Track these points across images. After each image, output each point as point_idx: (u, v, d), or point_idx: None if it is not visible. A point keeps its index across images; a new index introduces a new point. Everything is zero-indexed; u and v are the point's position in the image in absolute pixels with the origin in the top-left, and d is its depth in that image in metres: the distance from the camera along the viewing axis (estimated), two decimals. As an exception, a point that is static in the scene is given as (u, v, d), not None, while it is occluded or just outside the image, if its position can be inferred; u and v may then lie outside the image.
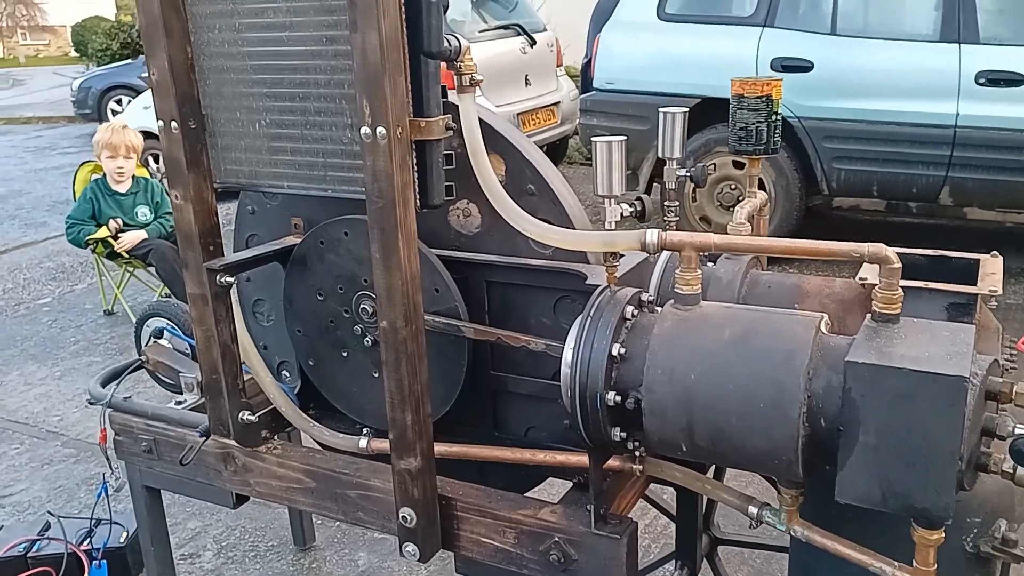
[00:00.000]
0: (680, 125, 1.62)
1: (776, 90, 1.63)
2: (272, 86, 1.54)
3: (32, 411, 3.60)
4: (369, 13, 1.31)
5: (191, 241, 1.62)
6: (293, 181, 1.58)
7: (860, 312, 1.48)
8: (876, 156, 4.85)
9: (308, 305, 1.76)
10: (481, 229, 1.67)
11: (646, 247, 1.33)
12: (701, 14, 5.18)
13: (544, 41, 6.90)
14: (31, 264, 6.05)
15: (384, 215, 1.40)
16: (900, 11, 4.94)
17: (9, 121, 15.36)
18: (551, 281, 1.59)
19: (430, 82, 1.42)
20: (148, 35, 1.53)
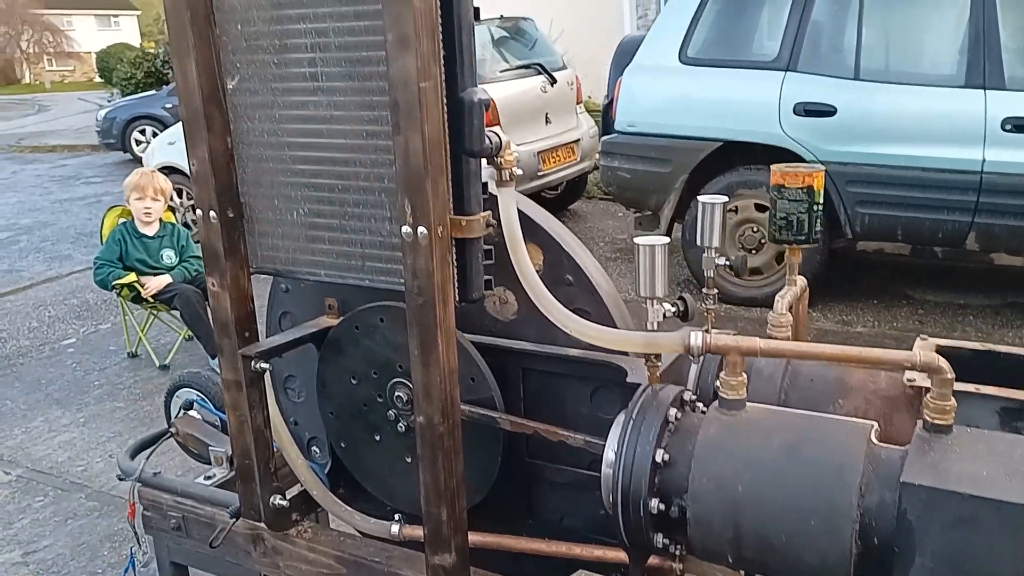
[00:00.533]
0: (719, 215, 1.60)
1: (818, 180, 1.61)
2: (311, 176, 1.54)
3: (56, 460, 3.60)
4: (412, 116, 1.31)
5: (227, 328, 1.62)
6: (330, 270, 1.57)
7: (907, 411, 1.45)
8: (901, 201, 4.80)
9: (342, 388, 1.75)
10: (518, 316, 1.65)
11: (690, 350, 1.31)
12: (723, 58, 5.18)
13: (564, 79, 6.94)
14: (56, 300, 6.10)
15: (423, 313, 1.39)
16: (924, 56, 4.91)
17: (35, 149, 15.61)
18: (589, 372, 1.57)
19: (471, 180, 1.41)
20: (190, 127, 1.54)
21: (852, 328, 4.73)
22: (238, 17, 1.51)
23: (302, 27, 1.46)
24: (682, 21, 5.30)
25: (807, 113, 4.91)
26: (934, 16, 5.02)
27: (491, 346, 1.64)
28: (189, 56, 1.49)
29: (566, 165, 6.90)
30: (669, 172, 5.27)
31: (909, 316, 4.91)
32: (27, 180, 12.30)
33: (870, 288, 5.33)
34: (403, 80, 1.30)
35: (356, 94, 1.44)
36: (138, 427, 3.86)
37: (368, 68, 1.42)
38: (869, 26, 4.94)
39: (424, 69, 1.29)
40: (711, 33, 5.28)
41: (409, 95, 1.30)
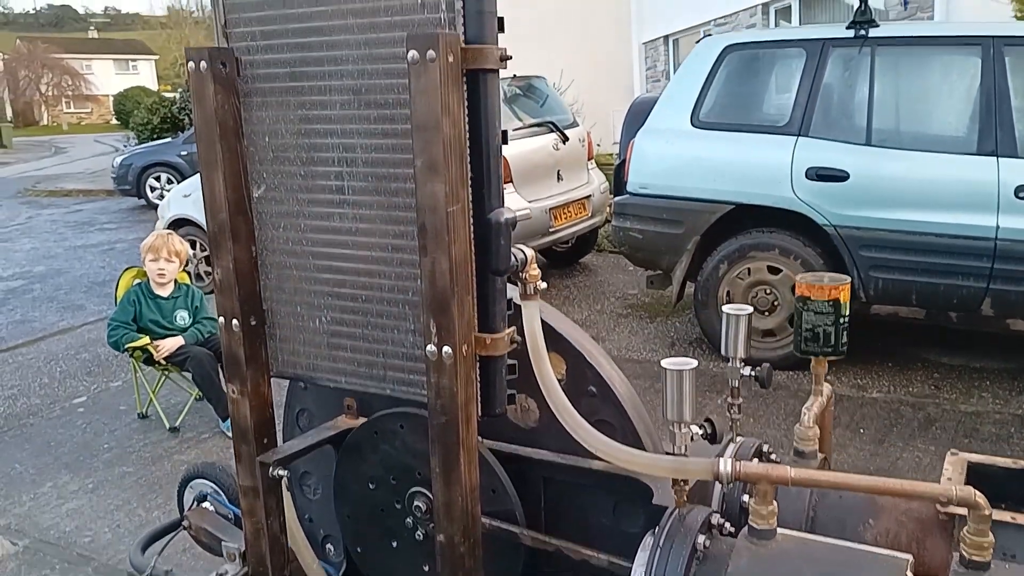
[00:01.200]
0: (744, 326, 1.59)
1: (844, 294, 1.60)
2: (335, 286, 1.54)
3: (64, 530, 3.56)
4: (440, 239, 1.31)
5: (246, 435, 1.61)
6: (351, 377, 1.56)
7: (941, 536, 1.42)
8: (914, 266, 4.79)
9: (359, 492, 1.73)
10: (539, 424, 1.64)
11: (719, 478, 1.29)
12: (735, 122, 5.22)
13: (576, 136, 7.01)
14: (68, 355, 6.10)
15: (446, 431, 1.38)
16: (935, 124, 4.94)
17: (51, 194, 15.82)
18: (613, 485, 1.55)
19: (497, 298, 1.41)
20: (215, 238, 1.55)
21: (867, 393, 4.68)
22: (266, 129, 1.53)
23: (330, 141, 1.48)
24: (694, 85, 5.36)
25: (819, 178, 4.93)
26: (946, 83, 5.07)
27: (512, 454, 1.62)
28: (217, 169, 1.50)
29: (577, 221, 6.94)
30: (681, 233, 5.28)
31: (925, 380, 4.86)
32: (42, 225, 12.44)
33: (885, 351, 5.29)
34: (431, 205, 1.30)
35: (382, 208, 1.45)
36: (147, 494, 3.82)
37: (395, 184, 1.43)
38: (881, 92, 4.98)
39: (452, 193, 1.30)
40: (723, 97, 5.34)
41: (437, 219, 1.30)
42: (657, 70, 14.25)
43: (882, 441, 4.01)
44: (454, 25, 1.30)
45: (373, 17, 1.38)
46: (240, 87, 1.52)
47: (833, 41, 5.05)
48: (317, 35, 1.44)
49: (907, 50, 4.95)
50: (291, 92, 1.49)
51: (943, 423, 4.19)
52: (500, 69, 1.33)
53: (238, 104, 1.52)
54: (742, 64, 5.36)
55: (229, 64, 1.49)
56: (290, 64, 1.48)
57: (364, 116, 1.43)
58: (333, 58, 1.44)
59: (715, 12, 11.69)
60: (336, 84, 1.44)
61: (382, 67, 1.39)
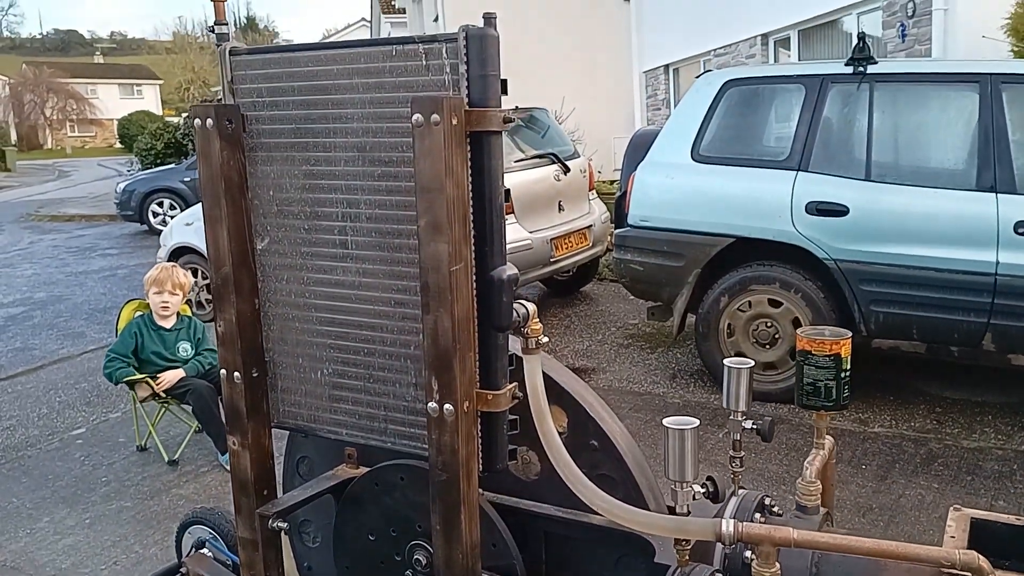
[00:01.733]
0: (745, 380, 1.59)
1: (845, 348, 1.60)
2: (337, 338, 1.55)
3: (60, 567, 3.53)
4: (443, 298, 1.32)
5: (245, 488, 1.61)
6: (352, 430, 1.57)
7: (943, 594, 1.41)
8: (915, 301, 4.80)
9: (359, 543, 1.72)
10: (540, 477, 1.63)
11: (722, 538, 1.29)
12: (735, 156, 5.26)
13: (577, 167, 7.05)
14: (67, 384, 6.09)
15: (448, 488, 1.38)
16: (935, 159, 4.97)
17: (54, 218, 15.88)
18: (615, 540, 1.54)
19: (499, 354, 1.42)
20: (219, 291, 1.55)
21: (869, 428, 4.66)
22: (271, 183, 1.55)
23: (334, 197, 1.49)
24: (694, 119, 5.41)
25: (819, 212, 4.95)
26: (944, 119, 5.11)
27: (513, 507, 1.61)
28: (221, 223, 1.51)
29: (579, 251, 6.96)
30: (682, 266, 5.30)
31: (927, 415, 4.84)
32: (44, 251, 12.47)
33: (886, 385, 5.28)
34: (434, 264, 1.31)
35: (385, 264, 1.46)
36: (144, 530, 3.79)
37: (398, 240, 1.44)
38: (880, 127, 5.02)
39: (455, 253, 1.31)
40: (723, 131, 5.38)
41: (440, 278, 1.31)
42: (658, 98, 14.37)
43: (884, 477, 3.99)
44: (458, 88, 1.32)
45: (379, 77, 1.40)
46: (245, 142, 1.54)
47: (832, 77, 5.10)
48: (323, 93, 1.46)
49: (906, 87, 5.00)
50: (296, 148, 1.51)
51: (945, 459, 4.17)
52: (503, 131, 1.35)
53: (243, 159, 1.54)
54: (742, 99, 5.41)
55: (235, 121, 1.51)
56: (295, 120, 1.50)
57: (368, 173, 1.44)
58: (338, 116, 1.45)
59: (715, 43, 11.82)
60: (341, 141, 1.46)
61: (386, 126, 1.41)
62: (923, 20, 7.93)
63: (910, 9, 8.10)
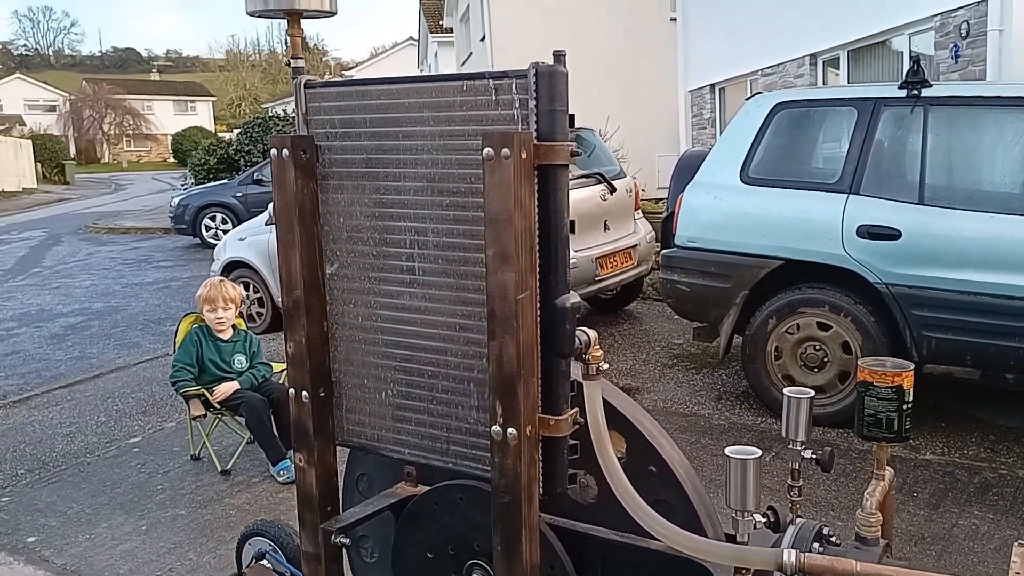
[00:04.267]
0: (805, 409, 1.60)
1: (907, 380, 1.60)
2: (402, 361, 1.60)
3: (118, 572, 3.64)
4: (508, 325, 1.37)
5: (310, 503, 1.66)
6: (415, 450, 1.61)
7: (1005, 631, 1.40)
8: (968, 326, 4.70)
9: (417, 561, 1.76)
10: (598, 500, 1.66)
11: (783, 568, 1.30)
12: (784, 178, 5.23)
13: (623, 187, 7.08)
14: (124, 393, 6.29)
15: (509, 510, 1.42)
16: (989, 184, 4.89)
17: (111, 231, 16.40)
18: (671, 566, 1.56)
19: (561, 380, 1.45)
20: (289, 314, 1.62)
21: (920, 455, 4.57)
22: (341, 211, 1.61)
23: (403, 224, 1.55)
24: (744, 141, 5.39)
25: (871, 235, 4.89)
26: (999, 142, 5.02)
27: (571, 530, 1.64)
28: (295, 248, 1.58)
29: (624, 270, 6.97)
30: (729, 288, 5.28)
31: (980, 443, 4.73)
32: (101, 262, 12.88)
33: (938, 411, 5.17)
34: (501, 293, 1.36)
35: (451, 290, 1.51)
36: (198, 538, 3.90)
37: (464, 268, 1.49)
38: (934, 151, 4.96)
39: (521, 282, 1.36)
40: (772, 153, 5.36)
41: (506, 307, 1.36)
42: (703, 117, 14.32)
43: (936, 506, 3.91)
44: (527, 122, 1.37)
45: (449, 111, 1.46)
46: (318, 171, 1.61)
47: (885, 100, 5.05)
48: (394, 125, 1.53)
49: (961, 110, 4.93)
50: (367, 177, 1.57)
51: (1000, 488, 4.07)
52: (569, 164, 1.39)
53: (316, 187, 1.61)
54: (792, 121, 5.38)
55: (309, 151, 1.58)
56: (367, 151, 1.57)
57: (437, 203, 1.50)
58: (409, 147, 1.52)
59: (762, 62, 11.75)
60: (411, 171, 1.52)
61: (455, 158, 1.46)
62: (978, 41, 7.79)
63: (964, 30, 7.96)
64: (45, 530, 4.07)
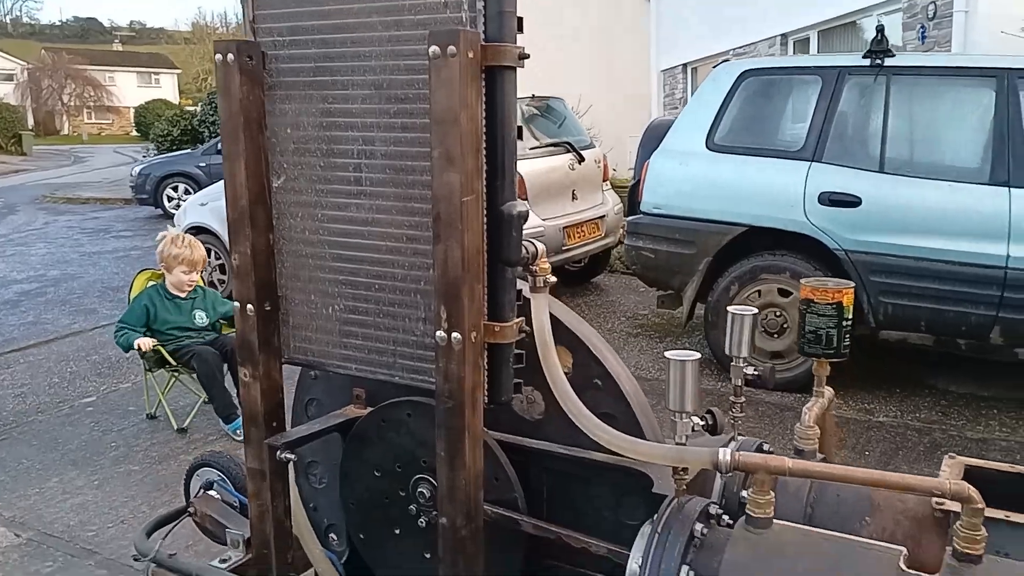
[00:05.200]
0: (748, 326, 1.62)
1: (847, 297, 1.63)
2: (348, 274, 1.58)
3: (68, 524, 3.59)
4: (453, 228, 1.36)
5: (255, 419, 1.64)
6: (362, 364, 1.60)
7: (935, 534, 1.44)
8: (924, 293, 4.80)
9: (364, 480, 1.76)
10: (544, 416, 1.67)
11: (719, 467, 1.32)
12: (750, 146, 5.27)
13: (591, 157, 7.08)
14: (78, 356, 6.17)
15: (453, 416, 1.41)
16: (948, 152, 4.97)
17: (69, 201, 16.03)
18: (614, 477, 1.57)
19: (507, 288, 1.45)
20: (235, 225, 1.59)
21: (874, 417, 4.67)
22: (288, 121, 1.59)
23: (350, 134, 1.53)
24: (710, 108, 5.42)
25: (832, 203, 4.96)
26: (959, 113, 5.10)
27: (516, 445, 1.65)
28: (240, 159, 1.55)
29: (590, 240, 6.99)
30: (693, 254, 5.32)
31: (932, 407, 4.84)
32: (58, 231, 12.59)
33: (892, 377, 5.28)
34: (446, 194, 1.35)
35: (398, 200, 1.50)
36: (152, 492, 3.85)
37: (411, 176, 1.47)
38: (895, 121, 5.03)
39: (467, 184, 1.35)
40: (738, 121, 5.40)
41: (451, 208, 1.35)
42: (675, 97, 14.36)
43: (887, 464, 4.00)
44: (475, 24, 1.35)
45: (398, 15, 1.44)
46: (265, 80, 1.58)
47: (849, 69, 5.10)
48: (342, 32, 1.50)
49: (922, 80, 5.00)
50: (314, 86, 1.55)
51: (948, 447, 4.17)
52: (518, 67, 1.38)
53: (262, 97, 1.58)
54: (758, 89, 5.42)
55: (255, 58, 1.55)
56: (314, 59, 1.54)
57: (384, 110, 1.48)
58: (357, 54, 1.49)
59: (734, 42, 11.81)
60: (359, 79, 1.50)
61: (404, 63, 1.44)
62: (944, 22, 7.90)
63: (931, 11, 8.07)
64: (-6, 484, 3.99)
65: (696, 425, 1.46)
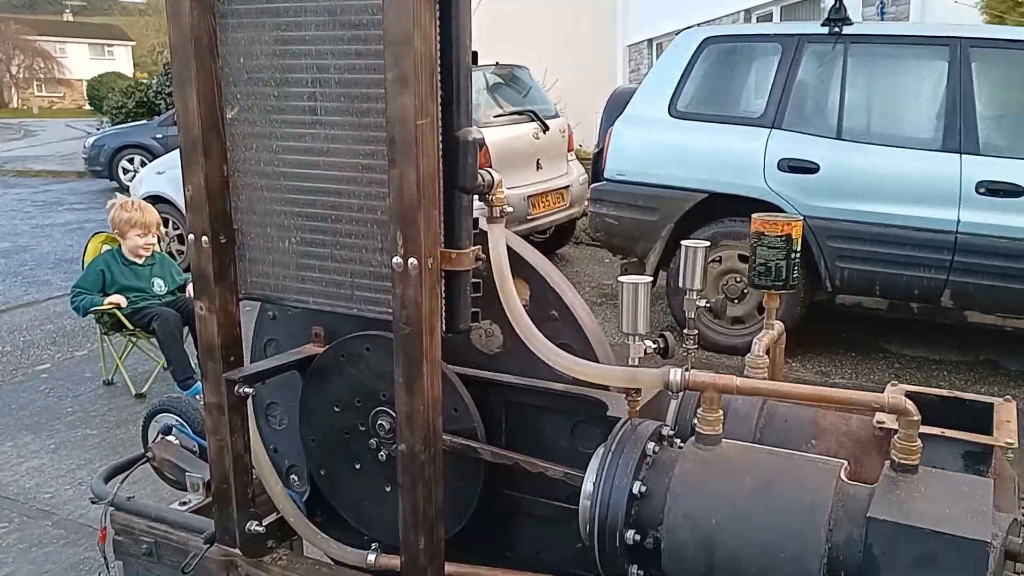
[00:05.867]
0: (701, 259, 1.65)
1: (796, 230, 1.67)
2: (304, 206, 1.57)
3: (24, 486, 3.53)
4: (408, 152, 1.36)
5: (212, 352, 1.63)
6: (319, 298, 1.60)
7: (877, 453, 1.49)
8: (878, 257, 4.91)
9: (324, 416, 1.76)
10: (502, 350, 1.68)
11: (669, 386, 1.35)
12: (711, 113, 5.32)
13: (556, 127, 7.07)
14: (31, 325, 6.03)
15: (410, 342, 1.42)
16: (903, 120, 5.08)
17: (20, 173, 15.57)
18: (570, 406, 1.60)
19: (463, 215, 1.45)
20: (187, 154, 1.57)
21: (830, 379, 4.79)
22: (241, 50, 1.56)
23: (303, 62, 1.51)
24: (672, 76, 5.45)
25: (791, 169, 5.04)
26: (914, 82, 5.20)
27: (475, 378, 1.66)
28: (191, 86, 1.53)
29: (555, 210, 7.00)
30: (656, 220, 5.37)
31: (886, 369, 4.98)
32: (8, 204, 12.23)
33: (848, 341, 5.41)
34: (401, 117, 1.34)
35: (353, 128, 1.49)
36: (110, 455, 3.80)
37: (366, 104, 1.47)
38: (852, 89, 5.11)
39: (421, 107, 1.34)
40: (700, 89, 5.44)
41: (406, 132, 1.34)
42: (640, 72, 14.38)
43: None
44: (428, -56, 1.34)
45: (351, -63, 1.42)
46: (216, 7, 1.55)
47: (808, 37, 5.17)
48: (295, -44, 1.48)
49: (879, 48, 5.09)
50: (267, 13, 1.53)
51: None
52: (471, -10, 1.38)
53: (214, 24, 1.55)
54: (720, 57, 5.46)
55: (207, -17, 1.52)
56: (267, -15, 1.52)
57: (338, 37, 1.47)
58: (310, -21, 1.47)
59: (698, 16, 11.83)
60: (311, 5, 1.48)
61: (358, -13, 1.43)
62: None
63: (888, -15, 8.18)
64: (-55, 449, 3.90)
65: (648, 348, 1.49)
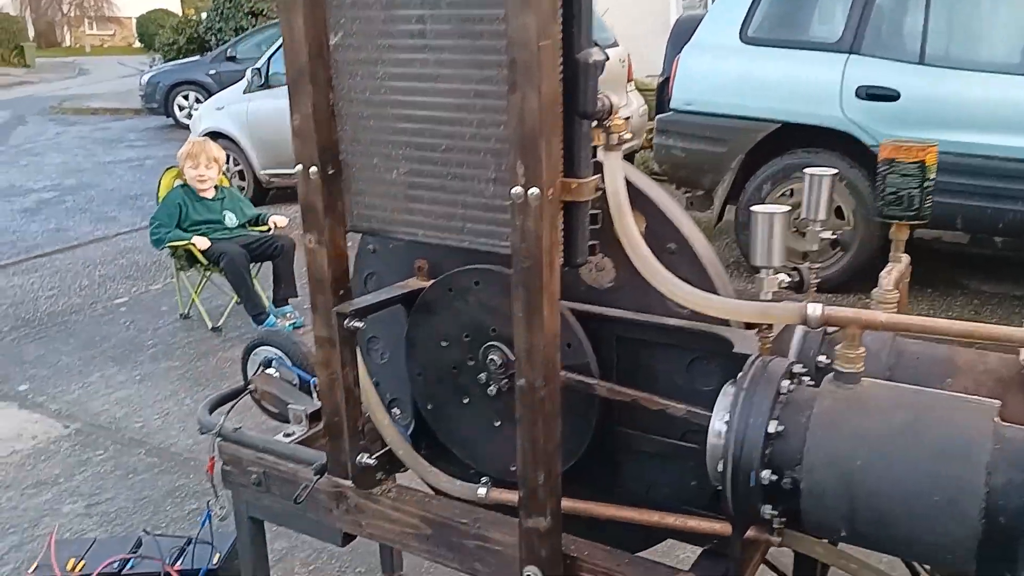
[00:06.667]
0: (827, 188, 1.57)
1: (931, 156, 1.56)
2: (413, 135, 1.52)
3: (114, 416, 3.66)
4: (531, 74, 1.29)
5: (323, 286, 1.62)
6: (429, 230, 1.55)
7: (1020, 392, 1.42)
8: (961, 189, 4.70)
9: (431, 351, 1.75)
10: (614, 284, 1.63)
11: (808, 321, 1.29)
12: (785, 39, 5.09)
13: (616, 56, 6.86)
14: (105, 260, 6.19)
15: (530, 275, 1.38)
16: (990, 43, 4.79)
17: (78, 111, 15.81)
18: (689, 342, 1.55)
19: (583, 142, 1.39)
20: (294, 83, 1.53)
21: (905, 317, 4.66)
22: (346, -30, 1.49)
23: (412, -19, 1.44)
24: (743, 1, 5.21)
25: (869, 97, 4.82)
26: (1003, 3, 4.89)
27: (586, 313, 1.62)
28: (297, 11, 1.47)
29: (614, 143, 6.83)
30: (725, 152, 5.21)
31: (964, 306, 4.82)
32: (70, 142, 12.46)
33: (926, 277, 5.23)
34: (522, 39, 1.27)
35: (466, 52, 1.42)
36: (193, 387, 3.91)
37: (480, 26, 1.39)
38: (935, 11, 4.82)
39: (543, 28, 1.27)
40: (773, 13, 5.19)
41: (528, 54, 1.27)
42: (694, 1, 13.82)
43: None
44: None
45: None
46: (321, -75, 1.48)
47: (891, -45, 4.87)
48: None
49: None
50: (373, -71, 1.45)
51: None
52: None
53: (319, -56, 1.48)
54: (795, -23, 5.19)
55: (312, -101, 1.45)
56: (374, -100, 1.44)
57: (451, -48, 1.39)
58: None
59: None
60: (423, -80, 1.40)
61: (473, -101, 1.34)
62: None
63: None
64: (36, 380, 4.06)
65: (783, 282, 1.43)
